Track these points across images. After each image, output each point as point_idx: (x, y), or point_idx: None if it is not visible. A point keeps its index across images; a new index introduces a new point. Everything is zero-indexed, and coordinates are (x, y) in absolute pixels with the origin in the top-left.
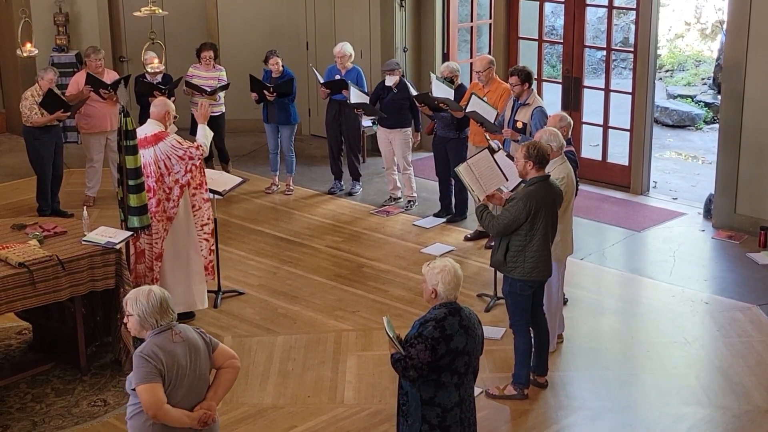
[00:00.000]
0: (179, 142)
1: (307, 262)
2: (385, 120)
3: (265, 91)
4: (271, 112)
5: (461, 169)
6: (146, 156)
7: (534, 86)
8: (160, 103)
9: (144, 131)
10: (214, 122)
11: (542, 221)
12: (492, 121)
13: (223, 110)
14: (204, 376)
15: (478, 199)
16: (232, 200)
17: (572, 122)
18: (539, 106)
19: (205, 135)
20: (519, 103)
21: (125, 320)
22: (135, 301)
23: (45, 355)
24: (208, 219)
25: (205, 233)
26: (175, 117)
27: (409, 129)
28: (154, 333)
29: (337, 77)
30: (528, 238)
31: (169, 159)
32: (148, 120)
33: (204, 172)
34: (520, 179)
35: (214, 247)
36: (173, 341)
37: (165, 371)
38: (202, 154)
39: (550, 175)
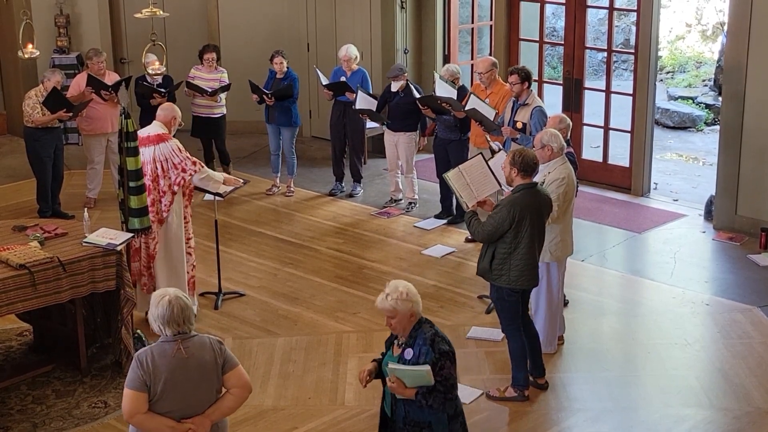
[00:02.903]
0: (179, 149)
1: (307, 264)
2: (391, 123)
3: (265, 97)
4: (272, 113)
5: (451, 175)
6: (146, 155)
7: (533, 87)
8: (168, 108)
9: (147, 131)
10: (215, 124)
11: (527, 229)
12: (491, 120)
13: (224, 112)
14: (199, 397)
15: (467, 206)
16: (232, 202)
17: (571, 124)
18: (538, 106)
19: (213, 176)
20: (519, 103)
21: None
22: (152, 303)
23: (45, 357)
24: (191, 233)
25: (189, 246)
26: (180, 124)
27: (415, 132)
28: (160, 340)
29: (343, 79)
30: (513, 246)
31: (167, 162)
32: (154, 122)
33: (191, 194)
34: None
35: (195, 264)
36: (173, 354)
37: (151, 382)
38: (195, 171)
39: (537, 183)
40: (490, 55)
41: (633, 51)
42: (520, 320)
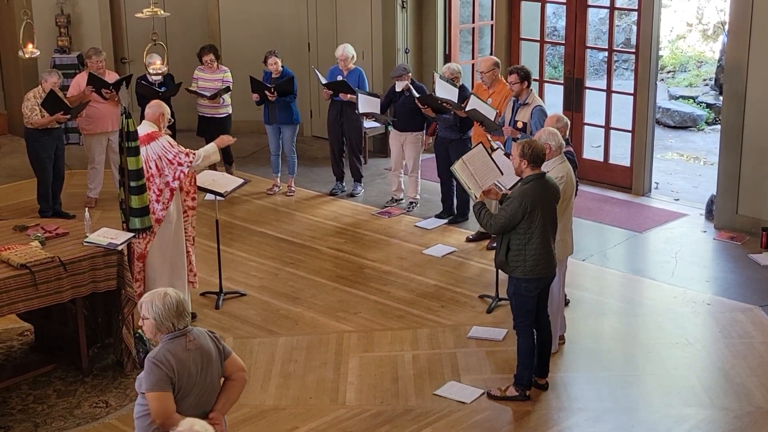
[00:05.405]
0: (170, 144)
1: (308, 264)
2: (397, 123)
3: (267, 92)
4: (272, 112)
5: (457, 167)
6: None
7: (533, 86)
8: (155, 105)
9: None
10: (221, 124)
11: (539, 219)
12: (492, 120)
13: (230, 111)
14: (214, 385)
15: (475, 197)
16: (233, 201)
17: (569, 123)
18: (538, 105)
19: (208, 151)
20: (519, 103)
21: (140, 323)
22: (151, 305)
23: (46, 357)
24: (193, 227)
25: (189, 236)
26: (170, 121)
27: (421, 132)
28: (168, 338)
29: (339, 78)
30: (527, 236)
31: (161, 160)
32: (143, 121)
33: (195, 182)
34: (518, 177)
35: (192, 252)
36: (186, 348)
37: (176, 379)
38: (191, 162)
39: (546, 173)
40: (491, 54)
41: (634, 50)
42: (533, 318)
